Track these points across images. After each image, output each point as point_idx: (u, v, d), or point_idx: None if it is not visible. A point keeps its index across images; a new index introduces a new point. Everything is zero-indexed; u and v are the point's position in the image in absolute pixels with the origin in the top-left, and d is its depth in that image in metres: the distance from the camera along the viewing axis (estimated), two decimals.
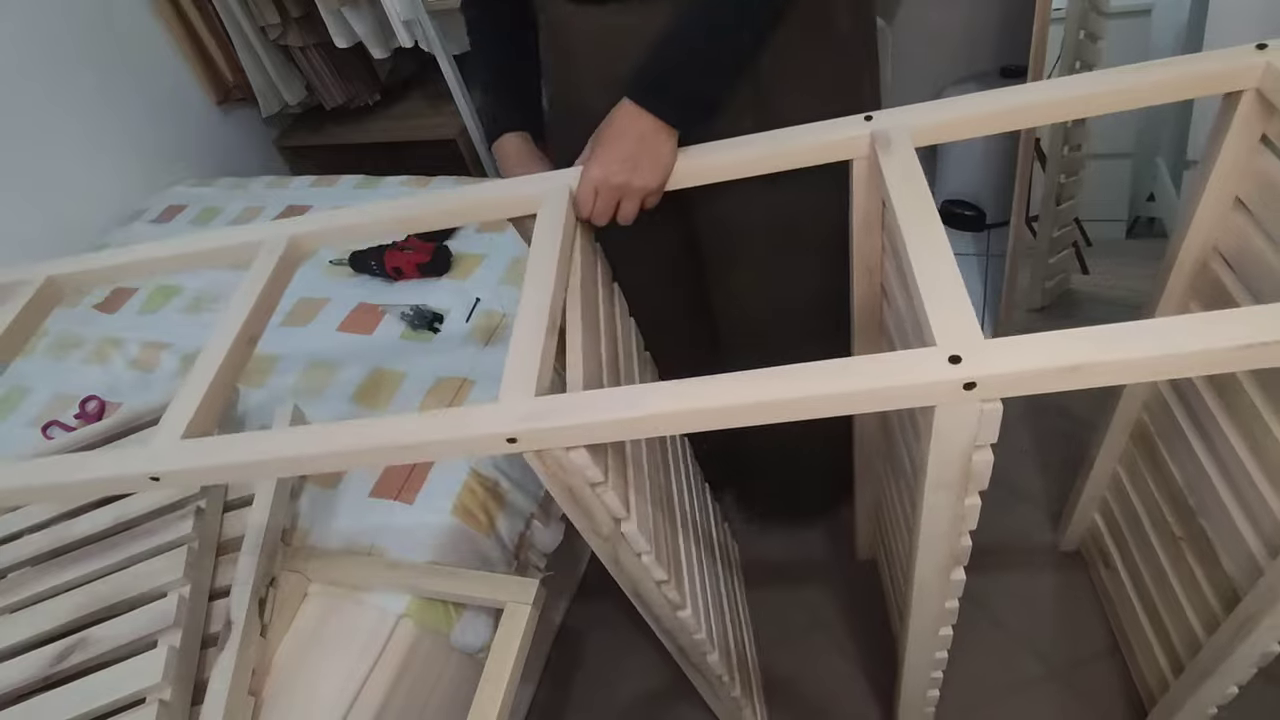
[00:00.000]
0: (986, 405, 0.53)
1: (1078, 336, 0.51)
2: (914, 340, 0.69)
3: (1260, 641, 0.80)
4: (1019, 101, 0.70)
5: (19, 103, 1.77)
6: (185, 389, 0.67)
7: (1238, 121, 0.70)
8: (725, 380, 0.55)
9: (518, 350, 0.62)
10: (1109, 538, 1.21)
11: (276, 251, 0.79)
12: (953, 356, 0.51)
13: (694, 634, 0.86)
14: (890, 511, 1.13)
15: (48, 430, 1.31)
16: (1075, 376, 0.50)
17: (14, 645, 0.88)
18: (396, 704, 0.91)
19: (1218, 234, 0.81)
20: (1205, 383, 0.87)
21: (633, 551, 0.72)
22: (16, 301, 0.81)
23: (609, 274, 0.90)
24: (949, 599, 0.78)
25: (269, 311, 0.76)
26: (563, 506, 0.66)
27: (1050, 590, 1.31)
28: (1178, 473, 0.96)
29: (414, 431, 0.59)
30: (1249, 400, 0.78)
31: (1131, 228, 1.84)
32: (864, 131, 0.72)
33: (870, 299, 0.91)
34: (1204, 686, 0.91)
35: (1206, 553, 0.91)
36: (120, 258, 0.87)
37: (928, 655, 0.91)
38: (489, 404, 0.58)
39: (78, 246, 1.87)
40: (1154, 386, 0.98)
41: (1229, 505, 0.84)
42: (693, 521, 1.00)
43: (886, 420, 1.04)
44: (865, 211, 0.80)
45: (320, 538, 1.04)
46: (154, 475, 0.62)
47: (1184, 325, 0.50)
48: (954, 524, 0.66)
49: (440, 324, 1.33)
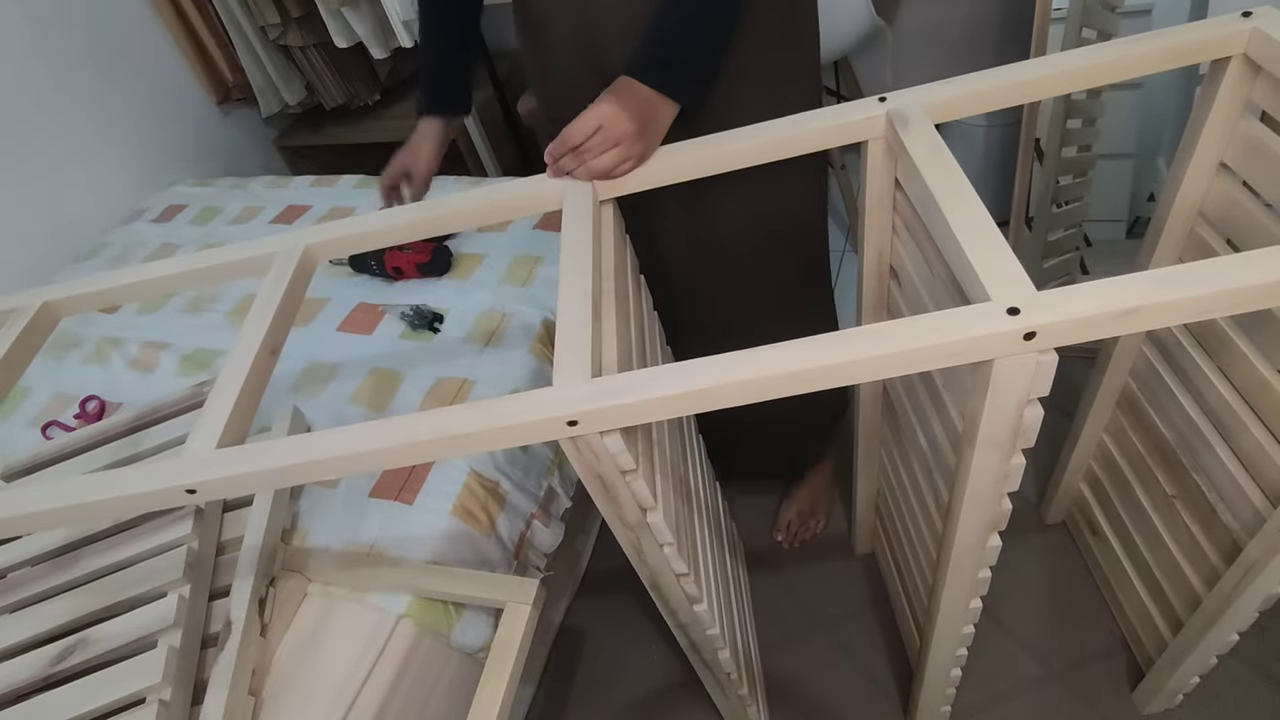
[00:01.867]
0: (1043, 357, 0.54)
1: (1132, 281, 0.52)
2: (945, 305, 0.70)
3: (1265, 585, 0.83)
4: (1025, 76, 0.71)
5: (19, 102, 1.77)
6: (213, 401, 0.66)
7: (1224, 87, 0.73)
8: (784, 348, 0.55)
9: (566, 334, 0.62)
10: (1096, 506, 1.23)
11: (292, 262, 0.78)
12: (1011, 308, 0.52)
13: (708, 629, 0.86)
14: (895, 500, 1.13)
15: (47, 430, 1.31)
16: (1131, 320, 0.52)
17: (14, 645, 0.88)
18: (396, 704, 0.91)
19: (1203, 198, 0.83)
20: (1190, 339, 0.90)
21: (656, 542, 0.72)
22: (10, 331, 0.78)
23: (636, 264, 0.90)
24: (983, 568, 0.79)
25: (289, 322, 0.75)
26: (592, 495, 0.66)
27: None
28: (1168, 433, 0.98)
29: (470, 420, 0.58)
30: (1238, 349, 0.81)
31: (1131, 227, 1.84)
32: (879, 112, 0.73)
33: (879, 279, 0.91)
34: (1208, 636, 0.93)
35: (1203, 507, 0.94)
36: (123, 278, 0.83)
37: (955, 631, 0.91)
38: (543, 390, 0.58)
39: (78, 246, 1.87)
40: (1141, 351, 1.01)
41: (1224, 458, 0.87)
42: (708, 515, 1.01)
43: (892, 404, 1.04)
44: (877, 192, 0.81)
45: (320, 538, 1.04)
46: (190, 488, 0.61)
47: (1237, 263, 0.52)
48: (998, 484, 0.67)
49: (440, 324, 1.33)
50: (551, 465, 1.26)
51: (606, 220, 0.78)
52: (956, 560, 0.77)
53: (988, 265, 0.56)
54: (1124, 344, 1.02)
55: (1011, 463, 0.65)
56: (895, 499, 1.13)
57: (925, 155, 0.67)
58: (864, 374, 0.55)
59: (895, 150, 0.73)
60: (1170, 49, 0.69)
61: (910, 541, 1.09)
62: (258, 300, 0.74)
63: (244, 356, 0.69)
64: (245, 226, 1.77)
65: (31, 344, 0.79)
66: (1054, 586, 1.30)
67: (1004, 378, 0.56)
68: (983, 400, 0.59)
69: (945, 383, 0.78)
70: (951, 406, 0.76)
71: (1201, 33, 0.69)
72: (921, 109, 0.71)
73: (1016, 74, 0.71)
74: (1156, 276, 0.52)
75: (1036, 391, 0.58)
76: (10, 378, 0.76)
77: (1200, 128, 0.77)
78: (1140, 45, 0.69)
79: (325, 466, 0.60)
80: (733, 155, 0.76)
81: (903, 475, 1.05)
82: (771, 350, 0.55)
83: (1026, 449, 0.63)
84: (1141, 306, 0.51)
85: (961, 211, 0.61)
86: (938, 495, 0.88)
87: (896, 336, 0.54)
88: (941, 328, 0.53)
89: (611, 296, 0.71)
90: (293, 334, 1.37)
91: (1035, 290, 0.53)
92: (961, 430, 0.72)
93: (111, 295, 0.83)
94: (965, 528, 0.72)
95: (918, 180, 0.66)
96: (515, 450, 1.18)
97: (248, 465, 0.60)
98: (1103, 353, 1.05)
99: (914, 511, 1.02)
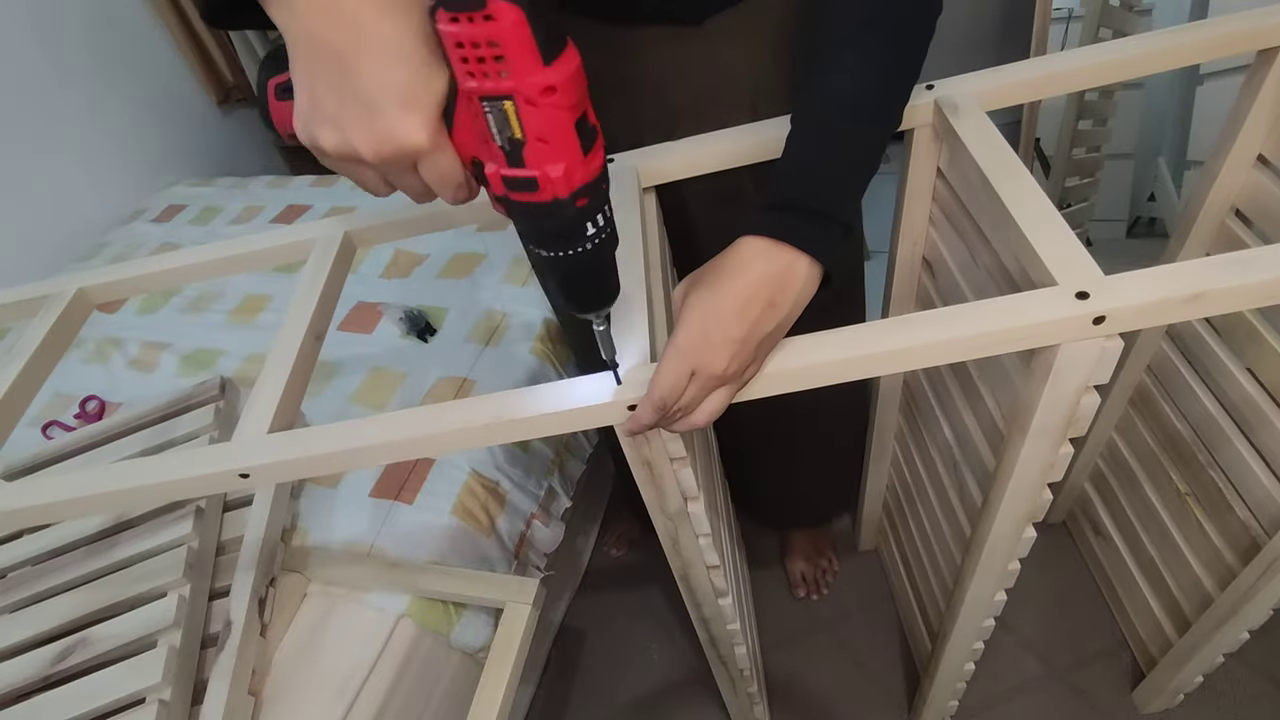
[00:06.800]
0: (1108, 343, 0.54)
1: (1196, 266, 0.52)
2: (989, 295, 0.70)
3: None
4: (1069, 65, 0.71)
5: (19, 102, 1.77)
6: (262, 386, 0.65)
7: (1271, 78, 0.72)
8: (846, 333, 0.55)
9: (625, 320, 0.61)
10: (1101, 505, 1.23)
11: (332, 248, 0.77)
12: (1080, 293, 0.52)
13: (730, 623, 0.86)
14: (908, 494, 1.13)
15: (47, 430, 1.31)
16: (1196, 305, 0.51)
17: (14, 645, 0.88)
18: (396, 704, 0.91)
19: (1238, 194, 0.83)
20: (1213, 333, 0.90)
21: (694, 533, 0.72)
22: (47, 317, 0.76)
23: (671, 258, 0.88)
24: (1013, 560, 0.79)
25: (331, 308, 0.73)
26: (638, 481, 0.66)
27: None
28: (1184, 429, 0.98)
29: (530, 405, 0.57)
30: (1268, 344, 0.81)
31: (1132, 227, 1.84)
32: (927, 100, 0.72)
33: (910, 271, 0.91)
34: (1218, 634, 0.94)
35: (1218, 504, 0.94)
36: (160, 264, 0.80)
37: (977, 624, 0.90)
38: (600, 374, 0.57)
39: (79, 246, 1.87)
40: (1159, 347, 1.01)
41: (1245, 454, 0.87)
42: (725, 509, 1.01)
43: (913, 396, 1.03)
44: (917, 181, 0.80)
45: (320, 537, 1.04)
46: (243, 472, 0.60)
47: None
48: (1043, 474, 0.66)
49: (431, 335, 1.32)
50: (552, 465, 1.26)
51: (650, 208, 0.76)
52: (989, 552, 0.77)
53: (1052, 249, 0.55)
54: (1144, 339, 1.02)
55: (1060, 452, 0.64)
56: (909, 493, 1.13)
57: (978, 141, 0.66)
58: (922, 360, 0.54)
59: (943, 137, 0.72)
60: (1220, 38, 0.69)
61: (925, 536, 1.08)
62: (300, 287, 0.73)
63: (290, 343, 0.68)
64: (245, 226, 1.77)
65: (67, 332, 0.77)
66: (1054, 586, 1.30)
67: (1068, 364, 0.56)
68: (1041, 388, 0.58)
69: (982, 374, 0.78)
70: (989, 398, 0.76)
71: (1248, 23, 0.68)
72: (971, 96, 0.70)
73: (1065, 62, 0.71)
74: (1221, 261, 0.51)
75: (1097, 378, 0.57)
76: (45, 367, 0.74)
77: (1242, 120, 0.76)
78: (1190, 35, 0.69)
79: (377, 452, 0.59)
80: (765, 144, 0.72)
81: (919, 469, 1.05)
82: (834, 335, 0.55)
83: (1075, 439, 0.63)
84: (1207, 292, 0.51)
85: (1020, 196, 0.60)
86: (962, 488, 0.87)
87: (960, 322, 0.53)
88: (1009, 312, 0.53)
89: (659, 285, 0.70)
90: None
91: (1102, 275, 0.53)
92: (1002, 422, 0.71)
93: (147, 281, 0.81)
94: (1003, 519, 0.72)
95: (969, 166, 0.65)
96: (516, 450, 1.18)
97: (301, 450, 0.60)
98: (1123, 348, 1.05)
99: (931, 506, 1.02)
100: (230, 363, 1.37)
